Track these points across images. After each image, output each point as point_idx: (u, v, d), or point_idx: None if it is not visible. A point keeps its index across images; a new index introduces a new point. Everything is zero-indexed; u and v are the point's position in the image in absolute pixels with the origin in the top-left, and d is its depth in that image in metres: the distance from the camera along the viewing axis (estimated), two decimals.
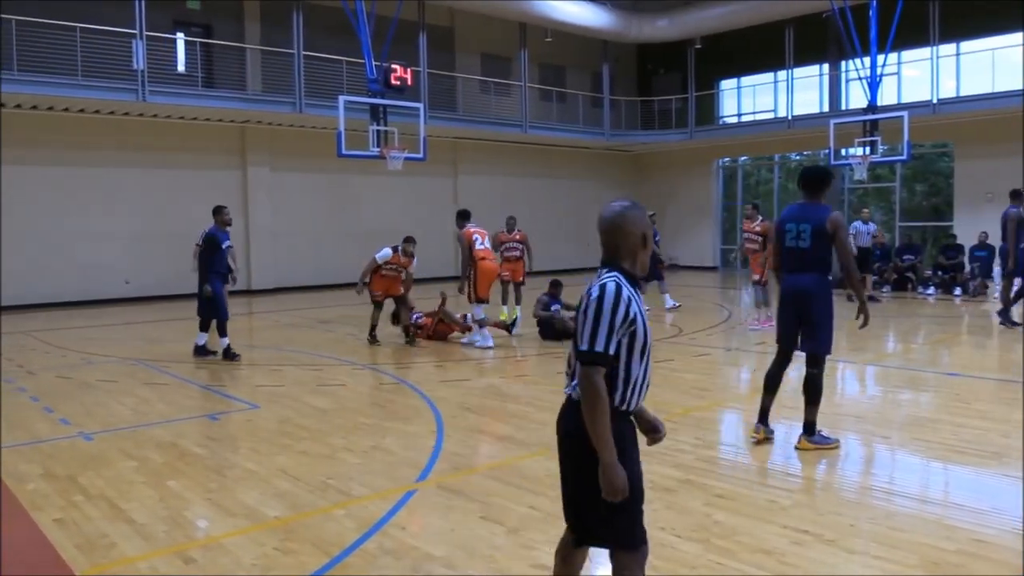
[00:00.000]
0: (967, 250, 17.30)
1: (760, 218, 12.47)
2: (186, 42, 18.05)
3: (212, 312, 9.98)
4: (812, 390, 5.60)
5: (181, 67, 17.95)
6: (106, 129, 17.25)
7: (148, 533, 4.27)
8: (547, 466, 5.33)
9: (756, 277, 12.30)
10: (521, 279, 13.15)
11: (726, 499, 4.63)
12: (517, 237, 13.16)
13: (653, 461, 5.36)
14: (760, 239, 12.10)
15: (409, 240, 11.13)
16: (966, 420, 6.41)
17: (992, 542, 3.95)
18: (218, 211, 10.11)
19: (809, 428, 5.62)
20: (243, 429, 6.54)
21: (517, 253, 13.10)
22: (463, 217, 11.32)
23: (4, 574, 3.80)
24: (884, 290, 17.04)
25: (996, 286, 15.03)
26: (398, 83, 14.76)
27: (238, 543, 4.12)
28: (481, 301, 10.72)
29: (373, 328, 11.26)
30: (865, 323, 5.56)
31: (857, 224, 16.20)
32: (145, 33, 15.90)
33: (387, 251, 11.10)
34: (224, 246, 9.83)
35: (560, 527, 4.30)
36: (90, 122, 17.01)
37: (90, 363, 9.93)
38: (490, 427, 6.39)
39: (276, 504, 4.70)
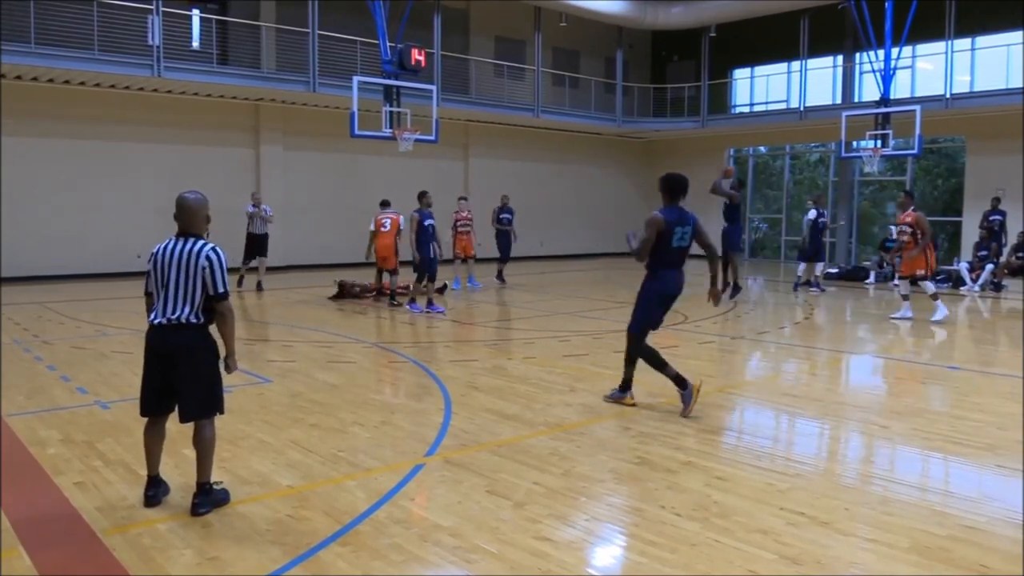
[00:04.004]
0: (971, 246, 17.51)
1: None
2: (201, 19, 18.12)
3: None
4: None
5: (196, 43, 18.03)
6: (121, 104, 17.39)
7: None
8: (552, 444, 5.47)
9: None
10: None
11: (726, 481, 4.76)
12: None
13: (656, 443, 5.51)
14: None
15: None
16: (964, 413, 6.52)
17: (982, 529, 4.07)
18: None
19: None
20: (255, 402, 6.69)
21: None
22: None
23: (29, 534, 3.95)
24: (897, 283, 17.17)
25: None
26: (416, 65, 14.80)
27: (253, 509, 4.28)
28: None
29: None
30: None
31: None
32: (161, 9, 16.00)
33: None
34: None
35: (564, 502, 4.47)
36: (106, 96, 17.15)
37: (104, 334, 10.11)
38: (497, 406, 6.53)
39: (289, 474, 4.86)
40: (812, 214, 15.91)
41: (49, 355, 8.65)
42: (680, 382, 6.34)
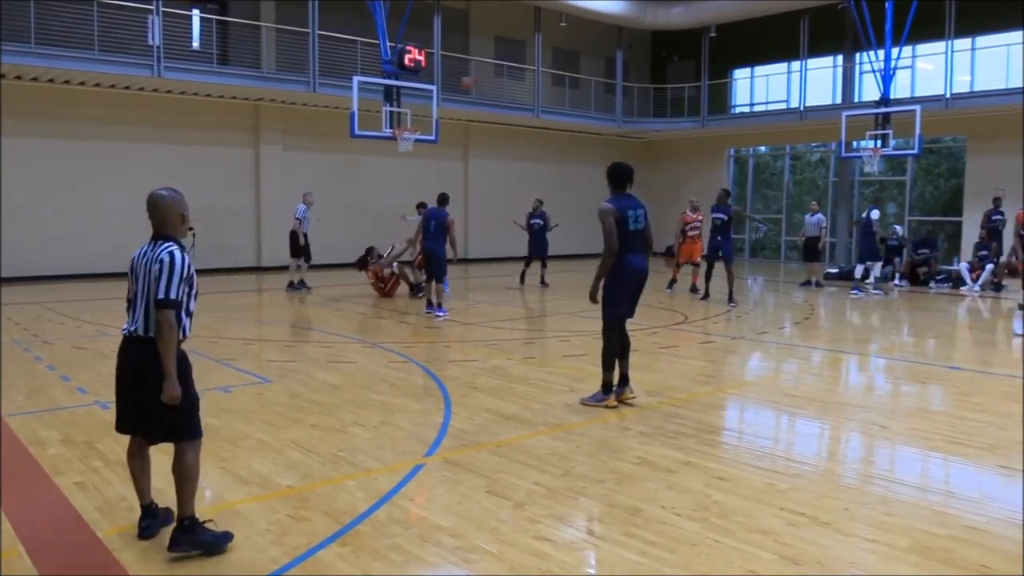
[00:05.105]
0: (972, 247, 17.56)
1: None
2: (201, 19, 18.12)
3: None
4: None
5: (196, 44, 18.03)
6: (121, 104, 17.38)
7: (166, 498, 4.40)
8: (552, 445, 5.47)
9: None
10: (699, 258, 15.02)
11: (726, 481, 4.75)
12: (700, 217, 14.85)
13: (656, 443, 5.51)
14: None
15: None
16: (965, 413, 6.52)
17: (983, 529, 4.07)
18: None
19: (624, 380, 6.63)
20: (255, 402, 6.68)
21: (698, 232, 14.88)
22: None
23: (29, 534, 3.95)
24: (898, 284, 17.24)
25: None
26: (412, 65, 14.81)
27: (252, 509, 4.27)
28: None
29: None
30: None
31: (806, 216, 17.55)
32: (161, 9, 16.00)
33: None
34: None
35: (564, 502, 4.46)
36: (106, 96, 17.15)
37: (104, 334, 10.10)
38: (497, 406, 6.53)
39: (288, 474, 4.85)
40: (875, 215, 15.68)
41: (49, 355, 8.65)
42: (607, 388, 6.56)
